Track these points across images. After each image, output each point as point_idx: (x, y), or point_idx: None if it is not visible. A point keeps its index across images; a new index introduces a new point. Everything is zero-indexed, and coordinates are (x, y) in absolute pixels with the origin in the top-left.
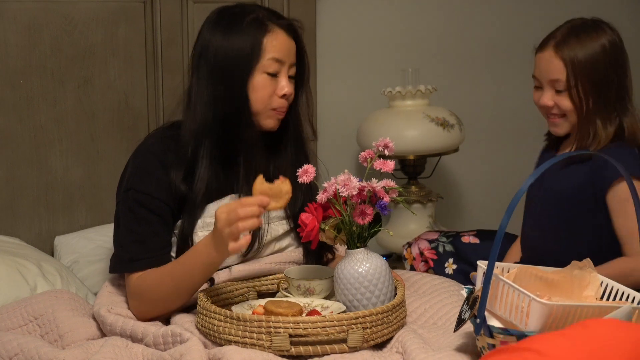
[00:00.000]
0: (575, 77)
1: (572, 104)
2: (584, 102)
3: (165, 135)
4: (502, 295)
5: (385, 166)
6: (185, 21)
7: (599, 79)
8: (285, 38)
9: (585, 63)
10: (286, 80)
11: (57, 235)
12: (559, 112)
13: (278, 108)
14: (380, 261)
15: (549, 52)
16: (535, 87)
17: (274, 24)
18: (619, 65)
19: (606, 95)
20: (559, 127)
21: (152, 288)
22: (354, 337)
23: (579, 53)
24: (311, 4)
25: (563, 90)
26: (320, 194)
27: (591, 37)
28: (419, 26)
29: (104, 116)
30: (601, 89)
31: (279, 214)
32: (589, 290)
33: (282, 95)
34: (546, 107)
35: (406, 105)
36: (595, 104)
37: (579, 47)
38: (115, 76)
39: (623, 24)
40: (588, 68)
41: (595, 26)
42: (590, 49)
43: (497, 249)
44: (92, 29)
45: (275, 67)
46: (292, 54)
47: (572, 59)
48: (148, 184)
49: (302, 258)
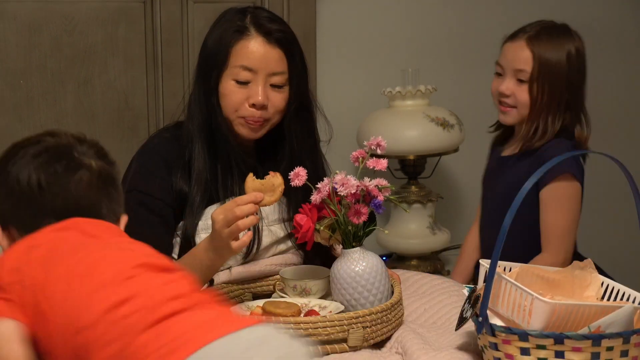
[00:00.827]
0: (539, 72)
1: (529, 97)
2: (539, 98)
3: (169, 136)
4: (505, 294)
5: (379, 164)
6: (185, 21)
7: (559, 81)
8: (260, 46)
9: (551, 62)
10: (260, 89)
11: None
12: (513, 102)
13: (247, 117)
14: (376, 260)
15: (520, 42)
16: (496, 74)
17: (254, 31)
18: (580, 73)
19: (561, 98)
20: (508, 116)
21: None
22: (355, 337)
23: (547, 51)
24: (311, 4)
25: (525, 81)
26: (314, 194)
27: (561, 40)
28: (419, 26)
29: (104, 116)
30: (559, 90)
31: (278, 216)
32: (590, 291)
33: (251, 105)
34: (503, 94)
35: (406, 105)
36: (549, 103)
37: (549, 46)
38: (115, 76)
39: (623, 23)
40: (553, 67)
41: (565, 30)
42: (559, 50)
43: (500, 248)
44: (92, 29)
45: (245, 75)
46: (272, 62)
47: (541, 54)
48: (151, 185)
49: (302, 260)
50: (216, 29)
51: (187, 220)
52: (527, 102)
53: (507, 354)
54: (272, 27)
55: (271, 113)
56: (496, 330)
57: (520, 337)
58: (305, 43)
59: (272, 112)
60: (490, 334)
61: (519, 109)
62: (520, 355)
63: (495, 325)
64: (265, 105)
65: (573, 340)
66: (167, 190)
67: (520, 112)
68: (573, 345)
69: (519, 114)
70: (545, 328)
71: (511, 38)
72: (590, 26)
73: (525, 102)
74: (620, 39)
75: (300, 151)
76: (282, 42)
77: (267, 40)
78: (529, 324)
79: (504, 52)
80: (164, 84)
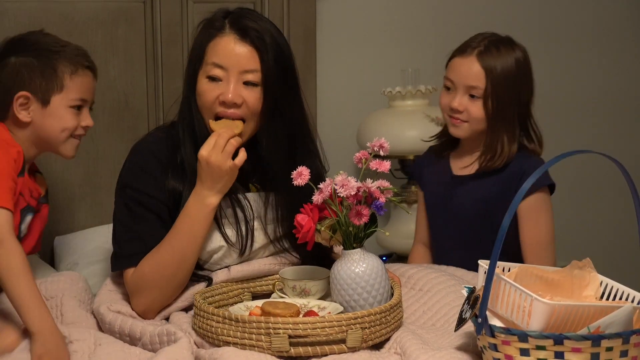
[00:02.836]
0: (492, 86)
1: (483, 112)
2: (494, 113)
3: (164, 135)
4: (504, 295)
5: (382, 166)
6: (185, 21)
7: (511, 92)
8: (232, 43)
9: (502, 74)
10: (231, 87)
11: (57, 235)
12: (466, 117)
13: (219, 114)
14: (376, 261)
15: (470, 58)
16: (446, 88)
17: (228, 28)
18: (527, 81)
19: (513, 110)
20: (460, 130)
21: (154, 271)
22: (353, 338)
23: (497, 64)
24: (311, 3)
25: (477, 97)
26: (316, 194)
27: (507, 51)
28: (419, 26)
29: (104, 116)
30: (511, 102)
31: (271, 215)
32: (589, 290)
33: (221, 102)
34: (455, 110)
35: (406, 105)
36: (503, 116)
37: (498, 58)
38: (115, 76)
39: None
40: (503, 79)
41: (509, 41)
42: (507, 61)
43: (499, 249)
44: (92, 29)
45: (216, 72)
46: (243, 60)
47: (492, 68)
48: (145, 183)
49: (298, 260)
50: (201, 28)
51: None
52: (481, 117)
53: (506, 354)
54: (248, 24)
55: (245, 112)
56: (496, 331)
57: (519, 338)
58: (305, 43)
59: (246, 111)
60: (489, 335)
61: (471, 124)
62: (519, 356)
63: (494, 326)
64: (236, 104)
65: (573, 341)
66: (161, 188)
67: (472, 126)
68: (573, 345)
69: (471, 128)
70: (545, 329)
71: (460, 53)
72: (589, 25)
73: (480, 118)
74: (619, 38)
75: (270, 159)
76: (255, 40)
77: (240, 37)
78: (529, 324)
79: (453, 67)
80: (164, 84)
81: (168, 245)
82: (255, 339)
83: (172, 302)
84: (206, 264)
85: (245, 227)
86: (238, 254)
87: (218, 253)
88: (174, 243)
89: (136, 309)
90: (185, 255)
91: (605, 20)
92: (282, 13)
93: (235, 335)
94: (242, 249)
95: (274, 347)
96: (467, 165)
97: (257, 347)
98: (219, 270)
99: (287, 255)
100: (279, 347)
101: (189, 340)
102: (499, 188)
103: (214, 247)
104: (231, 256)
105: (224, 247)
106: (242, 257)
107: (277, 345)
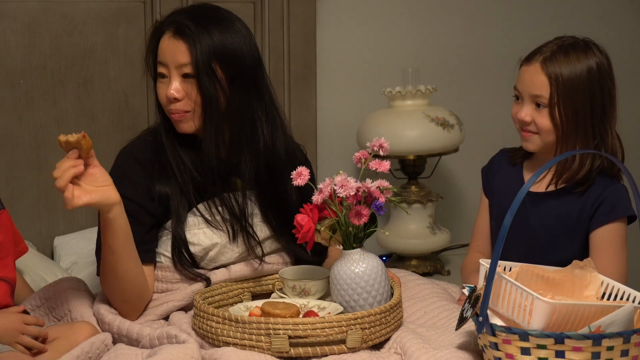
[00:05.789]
0: (558, 95)
1: (551, 123)
2: (564, 123)
3: (151, 137)
4: (505, 294)
5: (381, 166)
6: None
7: (581, 101)
8: (168, 39)
9: (569, 82)
10: (174, 83)
11: (56, 235)
12: (535, 129)
13: (170, 110)
14: (376, 261)
15: (535, 66)
16: (515, 99)
17: (166, 26)
18: (604, 90)
19: (586, 120)
20: (531, 143)
21: (104, 284)
22: (353, 338)
23: (564, 71)
24: (311, 4)
25: (543, 107)
26: (316, 194)
27: (579, 57)
28: (419, 26)
29: (104, 116)
30: (582, 112)
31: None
32: (590, 290)
33: (165, 98)
34: (524, 122)
35: (406, 105)
36: (575, 127)
37: (565, 65)
38: (115, 76)
39: (623, 23)
40: (571, 88)
41: (585, 47)
42: (576, 68)
43: (500, 248)
44: (92, 29)
45: (161, 69)
46: (177, 54)
47: (557, 76)
48: (122, 186)
49: (295, 259)
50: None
51: (174, 218)
52: (549, 128)
53: (507, 353)
54: (181, 20)
55: (190, 105)
56: (496, 330)
57: (520, 336)
58: (305, 43)
59: (191, 104)
60: (490, 334)
61: (542, 136)
62: (520, 355)
63: (495, 325)
64: (177, 98)
65: (573, 340)
66: (140, 191)
67: (542, 138)
68: (573, 345)
69: (542, 141)
70: (546, 328)
71: (527, 60)
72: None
73: (548, 129)
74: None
75: (209, 151)
76: (186, 34)
77: (174, 32)
78: (530, 323)
79: (520, 75)
80: None
81: (102, 263)
82: (255, 339)
83: (169, 301)
84: (202, 261)
85: (240, 225)
86: (236, 253)
87: (212, 250)
88: (104, 260)
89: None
90: (116, 270)
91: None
92: (282, 13)
93: (235, 336)
94: (232, 237)
95: (274, 348)
96: (542, 180)
97: (257, 348)
98: (217, 269)
99: (283, 254)
100: (279, 348)
101: (197, 347)
102: (576, 211)
103: (207, 245)
104: (228, 254)
105: (218, 245)
106: (250, 255)
107: (277, 346)
